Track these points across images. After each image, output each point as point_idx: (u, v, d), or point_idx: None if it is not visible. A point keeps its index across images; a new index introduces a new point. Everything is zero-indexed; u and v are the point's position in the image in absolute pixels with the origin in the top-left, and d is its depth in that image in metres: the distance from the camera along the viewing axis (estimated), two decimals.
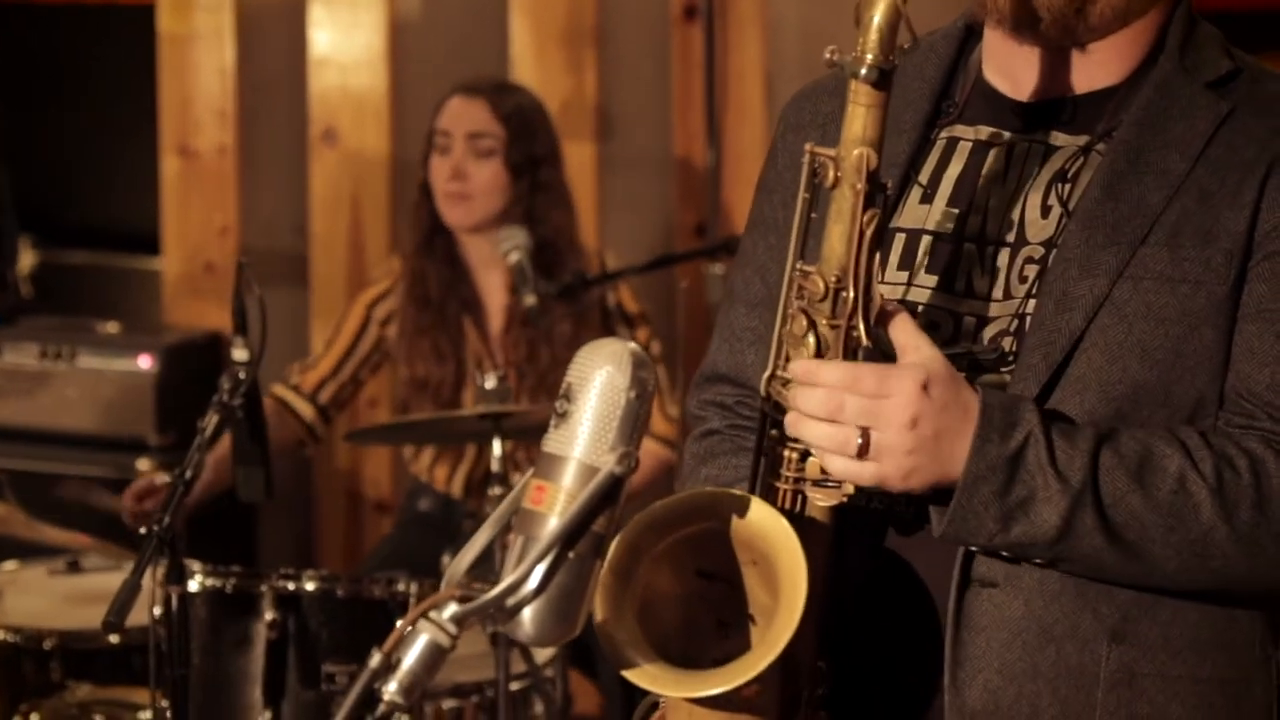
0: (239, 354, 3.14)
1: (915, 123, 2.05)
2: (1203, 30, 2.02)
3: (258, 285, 3.12)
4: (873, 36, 1.81)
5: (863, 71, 1.82)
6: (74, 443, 5.03)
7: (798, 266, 1.86)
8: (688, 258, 4.07)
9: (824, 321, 1.85)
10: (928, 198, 2.03)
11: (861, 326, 1.84)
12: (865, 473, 1.83)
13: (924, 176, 2.04)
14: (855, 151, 1.82)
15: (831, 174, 1.84)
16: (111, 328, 5.18)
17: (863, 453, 1.82)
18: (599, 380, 1.72)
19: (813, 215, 1.87)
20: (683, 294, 3.47)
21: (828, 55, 1.83)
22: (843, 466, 1.84)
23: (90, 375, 5.04)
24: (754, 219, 2.19)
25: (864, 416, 1.81)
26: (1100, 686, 1.91)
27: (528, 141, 4.09)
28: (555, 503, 1.71)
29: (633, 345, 1.74)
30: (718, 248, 3.87)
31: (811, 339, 1.85)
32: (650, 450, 3.98)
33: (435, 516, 4.20)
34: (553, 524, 1.70)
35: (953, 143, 2.04)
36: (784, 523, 1.83)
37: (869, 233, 1.83)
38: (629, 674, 1.81)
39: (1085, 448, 1.85)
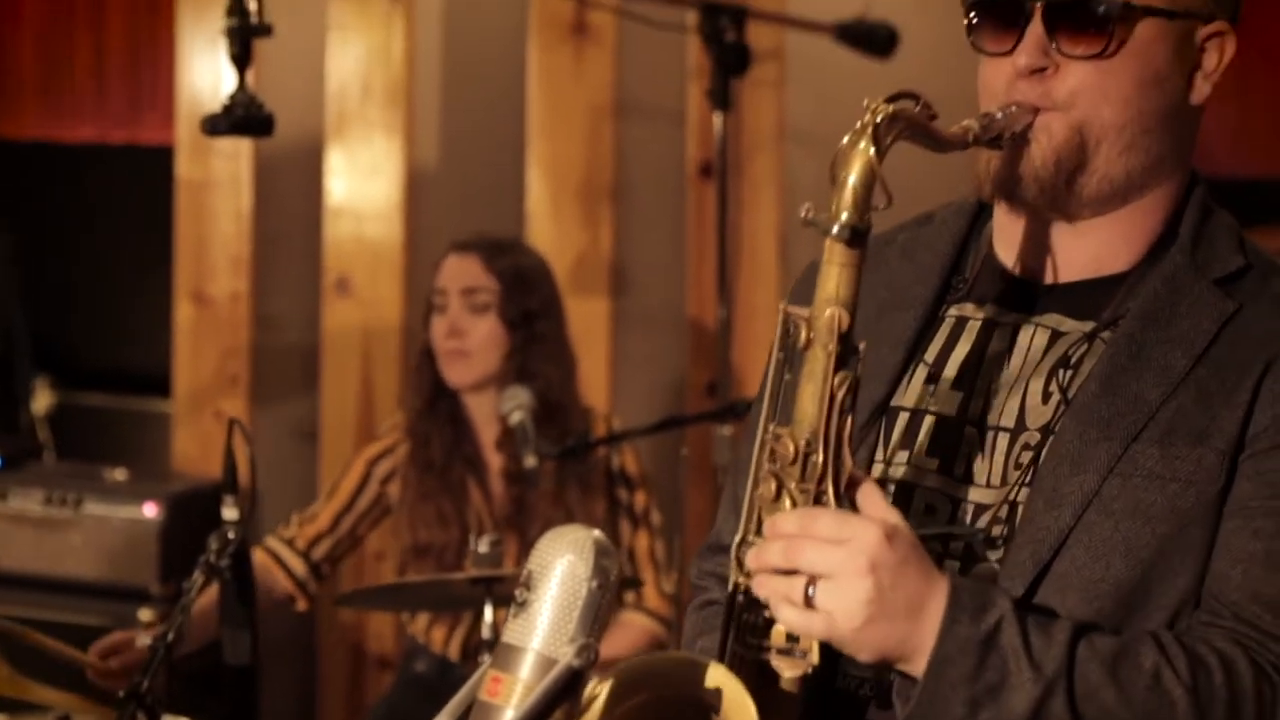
0: (228, 513, 3.10)
1: (924, 298, 2.04)
2: (1217, 220, 2.00)
3: (248, 443, 3.07)
4: (847, 195, 1.79)
5: (835, 230, 1.79)
6: (76, 591, 4.98)
7: (771, 429, 1.82)
8: (692, 420, 4.02)
9: (794, 485, 1.81)
10: (932, 378, 2.01)
11: (830, 491, 1.81)
12: (815, 624, 1.77)
13: (930, 355, 2.02)
14: (827, 312, 1.79)
15: (804, 334, 1.81)
16: (119, 474, 5.14)
17: (810, 601, 1.75)
18: (560, 569, 1.68)
19: (786, 377, 1.83)
20: (684, 461, 3.41)
21: (802, 213, 1.80)
22: (794, 618, 1.77)
23: (95, 522, 4.99)
24: (763, 387, 2.15)
25: (819, 562, 1.76)
26: None
27: (523, 296, 4.05)
28: (512, 695, 1.67)
29: (596, 533, 1.70)
30: (724, 410, 3.80)
31: (787, 503, 1.80)
32: (641, 625, 3.94)
33: (431, 679, 4.12)
34: (508, 717, 1.65)
35: (961, 322, 2.03)
36: (749, 704, 1.77)
37: (840, 395, 1.80)
38: None
39: (1061, 638, 1.80)
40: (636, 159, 4.92)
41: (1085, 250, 1.98)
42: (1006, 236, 2.04)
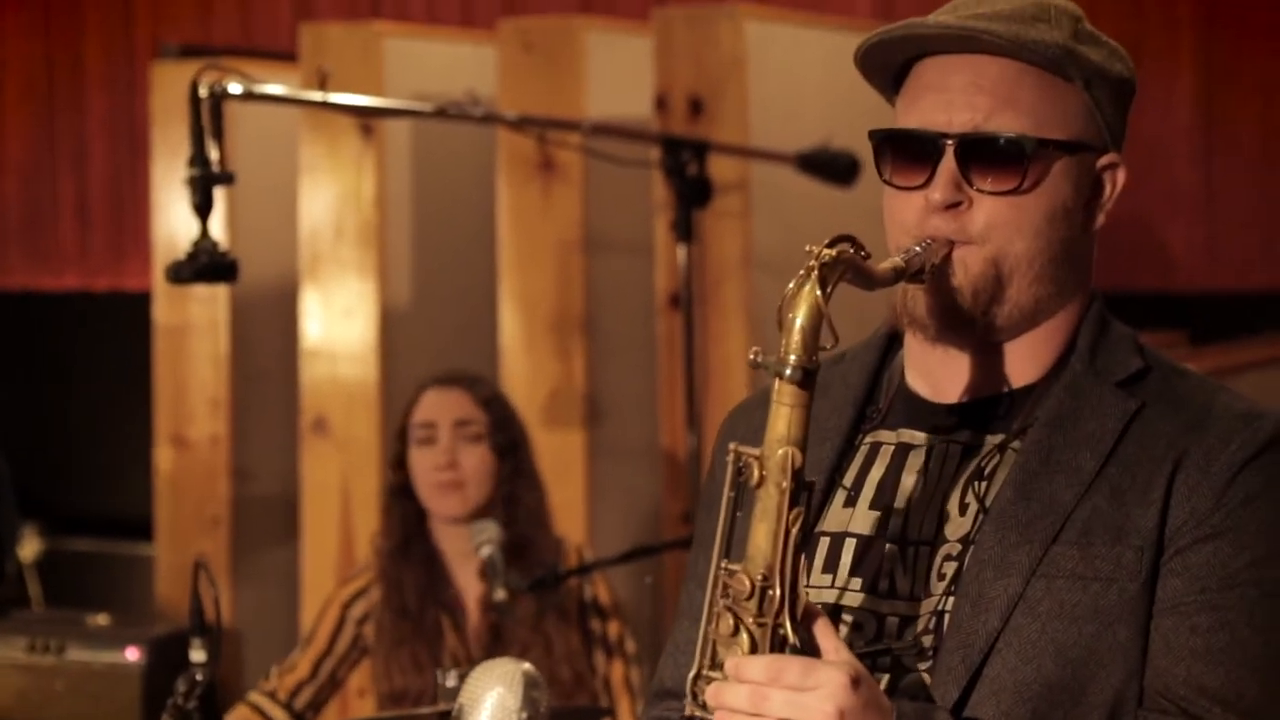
0: (196, 655, 3.12)
1: (840, 429, 2.10)
2: (1115, 331, 2.07)
3: (213, 584, 3.10)
4: (795, 337, 1.84)
5: (787, 371, 1.84)
6: None
7: (723, 565, 1.86)
8: (659, 549, 4.04)
9: (750, 620, 1.84)
10: (851, 501, 2.06)
11: (788, 624, 1.84)
12: None
13: (848, 480, 2.07)
14: (780, 451, 1.84)
15: (756, 473, 1.85)
16: (101, 619, 5.17)
17: None
18: (490, 702, 1.71)
19: (738, 514, 1.87)
20: (650, 589, 3.44)
21: (751, 356, 1.85)
22: None
23: (78, 668, 5.01)
24: (697, 534, 2.20)
25: (788, 708, 1.79)
26: None
27: (508, 426, 4.11)
28: None
29: (526, 665, 1.73)
30: (689, 540, 3.82)
31: (745, 637, 1.84)
32: None
33: None
34: None
35: (875, 447, 2.08)
36: None
37: (794, 531, 1.84)
38: None
39: None
40: (607, 292, 4.98)
41: (994, 371, 2.05)
42: (917, 363, 2.10)
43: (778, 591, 1.83)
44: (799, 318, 1.84)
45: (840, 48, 5.06)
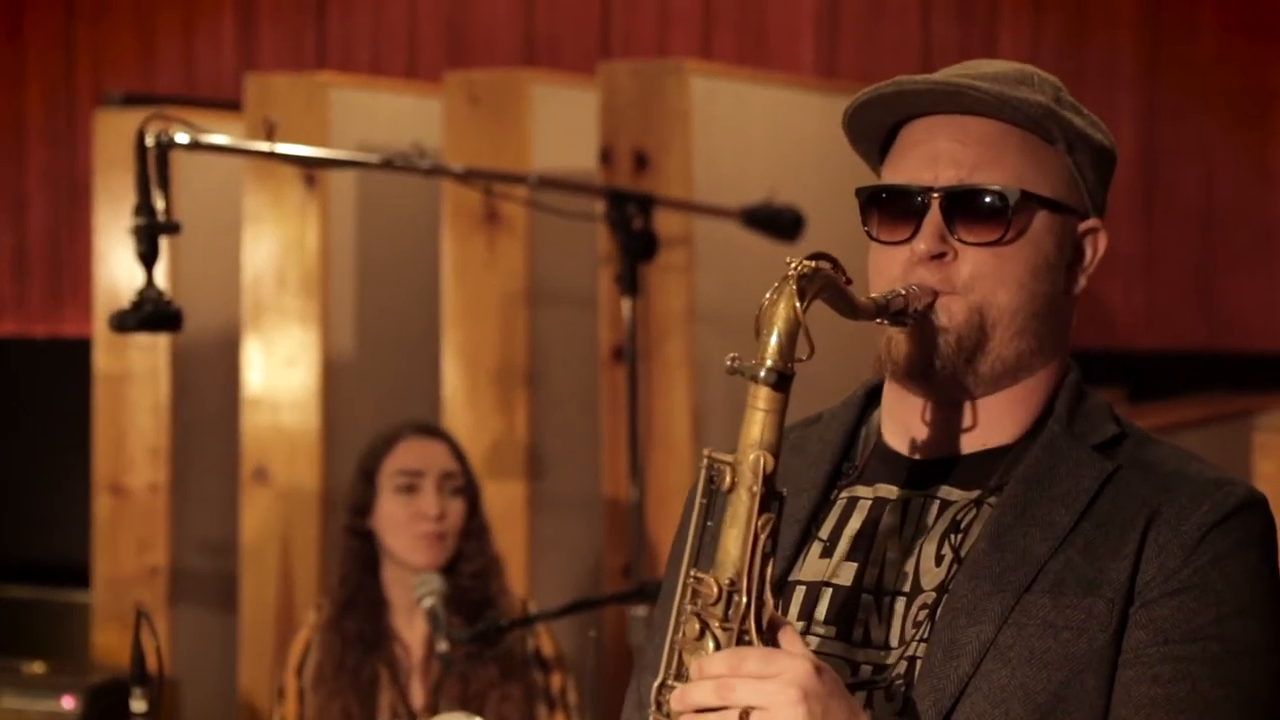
0: (136, 705, 3.10)
1: (816, 482, 2.11)
2: (1092, 400, 2.11)
3: (154, 633, 3.08)
4: (772, 343, 1.85)
5: (761, 374, 1.84)
6: None
7: (692, 573, 1.86)
8: (603, 602, 4.04)
9: (716, 625, 1.84)
10: (828, 552, 2.07)
11: (754, 630, 1.84)
12: None
13: (824, 532, 2.09)
14: (752, 455, 1.84)
15: (728, 478, 1.85)
16: (37, 667, 5.14)
17: None
18: None
19: (709, 524, 1.88)
20: (593, 642, 3.44)
21: (728, 362, 1.86)
22: None
23: (14, 716, 5.00)
24: (664, 590, 2.20)
25: (753, 695, 1.79)
26: None
27: (475, 480, 4.14)
28: None
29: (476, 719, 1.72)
30: (634, 592, 3.83)
31: (710, 642, 1.84)
32: None
33: None
34: None
35: (852, 501, 2.10)
36: None
37: (763, 536, 1.84)
38: None
39: None
40: (551, 344, 4.99)
41: (972, 429, 2.07)
42: (895, 419, 2.12)
43: (744, 598, 1.84)
44: (775, 324, 1.85)
45: (785, 104, 5.11)
